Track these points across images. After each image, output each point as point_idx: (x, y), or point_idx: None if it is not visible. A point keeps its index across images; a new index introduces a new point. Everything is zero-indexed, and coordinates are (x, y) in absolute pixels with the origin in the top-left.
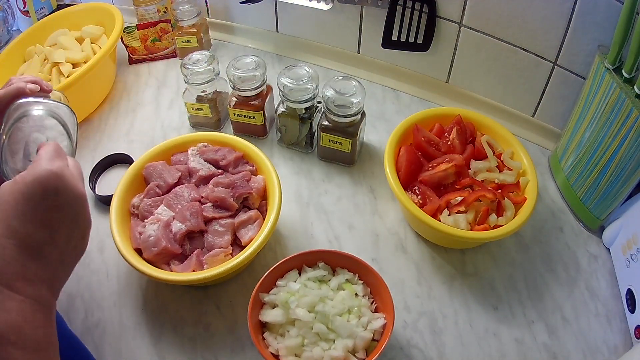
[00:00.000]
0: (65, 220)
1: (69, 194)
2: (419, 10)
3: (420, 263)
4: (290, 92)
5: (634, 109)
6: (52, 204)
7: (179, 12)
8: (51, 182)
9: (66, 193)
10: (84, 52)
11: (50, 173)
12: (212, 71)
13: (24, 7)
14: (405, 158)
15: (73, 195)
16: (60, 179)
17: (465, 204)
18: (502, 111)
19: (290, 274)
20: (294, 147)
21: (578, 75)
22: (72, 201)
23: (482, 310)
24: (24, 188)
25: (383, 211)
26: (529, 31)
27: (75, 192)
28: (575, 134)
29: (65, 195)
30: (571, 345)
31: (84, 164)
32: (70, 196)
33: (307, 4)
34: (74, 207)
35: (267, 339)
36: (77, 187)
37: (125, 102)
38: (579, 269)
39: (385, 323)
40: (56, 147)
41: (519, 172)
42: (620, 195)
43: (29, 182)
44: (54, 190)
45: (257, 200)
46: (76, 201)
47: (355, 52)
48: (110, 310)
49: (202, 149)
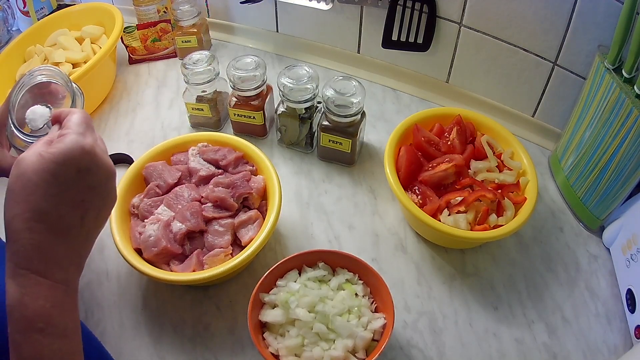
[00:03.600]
0: (96, 199)
1: (102, 172)
2: (419, 10)
3: (420, 263)
4: (290, 92)
5: (634, 109)
6: (84, 184)
7: (179, 12)
8: (84, 160)
9: (99, 172)
10: (84, 52)
11: (83, 151)
12: (212, 71)
13: (24, 7)
14: (405, 158)
15: (105, 174)
16: (93, 157)
17: (465, 204)
18: (502, 111)
19: (290, 274)
20: (294, 147)
21: (578, 75)
22: (104, 180)
23: (482, 310)
24: (54, 167)
25: (383, 211)
26: (529, 31)
27: (108, 170)
28: (575, 134)
29: (98, 174)
30: (571, 345)
31: None
32: (102, 175)
33: (307, 4)
34: (106, 185)
35: (267, 339)
36: (109, 163)
37: (125, 102)
38: (579, 269)
39: (385, 323)
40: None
41: (519, 172)
42: (620, 195)
43: (59, 160)
44: (86, 170)
45: (257, 200)
46: (108, 180)
47: (355, 52)
48: (110, 310)
49: (202, 149)
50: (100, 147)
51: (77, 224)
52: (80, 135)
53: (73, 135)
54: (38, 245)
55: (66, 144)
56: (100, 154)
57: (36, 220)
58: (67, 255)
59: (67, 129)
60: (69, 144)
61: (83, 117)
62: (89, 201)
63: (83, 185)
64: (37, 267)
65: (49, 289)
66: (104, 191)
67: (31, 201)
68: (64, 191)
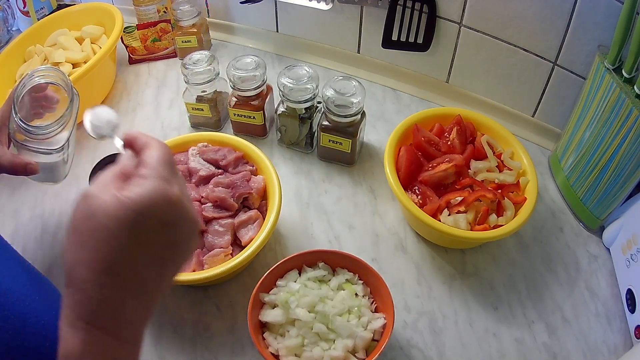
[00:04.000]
0: (178, 255)
1: (187, 227)
2: (419, 10)
3: (420, 263)
4: (290, 92)
5: (634, 109)
6: (166, 239)
7: (179, 12)
8: (169, 213)
9: (185, 226)
10: (84, 52)
11: (169, 202)
12: (212, 71)
13: (24, 7)
14: (405, 158)
15: (190, 229)
16: (179, 209)
17: (465, 204)
18: (502, 111)
19: (290, 274)
20: (294, 147)
21: (578, 75)
22: (188, 235)
23: (482, 310)
24: (134, 217)
25: (383, 211)
26: (529, 31)
27: (193, 224)
28: (575, 134)
29: (183, 228)
30: (571, 345)
31: (84, 164)
32: (187, 229)
33: (307, 4)
34: (190, 239)
35: (267, 339)
36: (195, 216)
37: (125, 102)
38: (579, 269)
39: (385, 323)
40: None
41: (519, 172)
42: (620, 195)
43: (140, 210)
44: (170, 224)
45: (257, 200)
46: (192, 234)
47: (355, 52)
48: None
49: (202, 149)
50: (186, 196)
51: (152, 281)
52: (165, 182)
53: (157, 181)
54: (107, 302)
55: (149, 191)
56: (187, 206)
57: (107, 275)
58: (138, 312)
59: (148, 169)
60: (152, 191)
61: (166, 156)
62: (169, 258)
63: (165, 240)
64: (103, 323)
65: (114, 348)
66: (187, 245)
67: (103, 251)
68: (143, 246)
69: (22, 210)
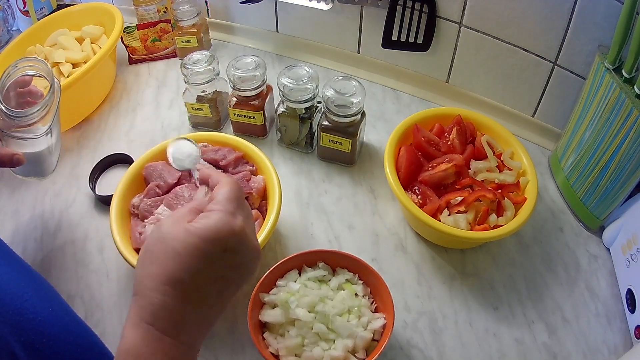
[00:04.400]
0: (238, 277)
1: (248, 254)
2: (419, 10)
3: (420, 263)
4: (290, 92)
5: (634, 109)
6: (228, 262)
7: (179, 12)
8: (232, 241)
9: (246, 253)
10: (84, 52)
11: (232, 232)
12: (212, 71)
13: (24, 7)
14: (405, 158)
15: (251, 256)
16: (241, 238)
17: (465, 204)
18: (502, 111)
19: (290, 274)
20: (294, 147)
21: (578, 75)
22: (249, 261)
23: (482, 310)
24: (200, 243)
25: (383, 211)
26: (529, 31)
27: (254, 252)
28: (575, 134)
29: (244, 255)
30: (571, 345)
31: (84, 164)
32: (248, 256)
33: (307, 4)
34: (250, 263)
35: (267, 339)
36: (257, 246)
37: (125, 102)
38: (579, 269)
39: (385, 323)
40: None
41: (519, 172)
42: (620, 195)
43: (206, 237)
44: (233, 251)
45: (257, 200)
46: (253, 261)
47: (355, 52)
48: (110, 310)
49: (202, 149)
50: (249, 228)
51: (213, 296)
52: (230, 215)
53: (222, 214)
54: (169, 309)
55: (215, 222)
56: (249, 236)
57: (170, 286)
58: (197, 322)
59: (216, 204)
60: (218, 222)
61: (233, 192)
62: (230, 278)
63: (227, 264)
64: (163, 325)
65: (171, 347)
66: (247, 270)
67: (170, 267)
68: (207, 267)
69: (22, 210)
